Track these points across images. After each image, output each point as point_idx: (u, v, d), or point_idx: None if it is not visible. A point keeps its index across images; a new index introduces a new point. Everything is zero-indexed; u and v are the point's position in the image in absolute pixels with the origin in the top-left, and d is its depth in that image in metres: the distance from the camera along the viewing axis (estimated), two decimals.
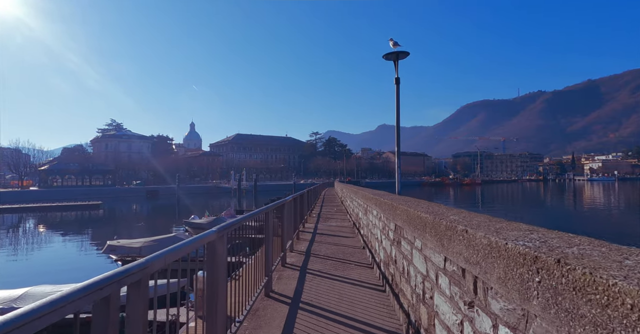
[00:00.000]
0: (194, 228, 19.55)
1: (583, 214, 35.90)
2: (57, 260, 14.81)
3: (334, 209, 14.99)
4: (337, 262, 5.39)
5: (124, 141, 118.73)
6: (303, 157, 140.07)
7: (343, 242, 7.10)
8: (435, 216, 2.14)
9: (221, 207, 50.66)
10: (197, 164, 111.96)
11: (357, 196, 7.71)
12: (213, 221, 19.21)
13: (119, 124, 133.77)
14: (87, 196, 58.02)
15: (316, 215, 12.59)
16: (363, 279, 4.44)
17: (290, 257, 5.83)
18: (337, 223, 10.26)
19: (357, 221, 7.84)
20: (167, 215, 36.83)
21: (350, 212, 10.25)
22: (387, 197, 4.70)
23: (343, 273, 4.76)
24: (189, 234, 14.79)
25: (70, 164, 77.09)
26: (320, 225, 9.93)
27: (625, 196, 61.23)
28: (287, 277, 4.65)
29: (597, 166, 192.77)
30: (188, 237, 12.88)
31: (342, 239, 7.43)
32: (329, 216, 12.19)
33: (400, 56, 6.46)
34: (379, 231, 4.44)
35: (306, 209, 10.53)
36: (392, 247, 3.56)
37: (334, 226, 9.78)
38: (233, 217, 21.96)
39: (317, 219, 11.45)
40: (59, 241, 21.63)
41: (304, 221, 9.79)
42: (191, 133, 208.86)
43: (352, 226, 9.38)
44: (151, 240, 11.58)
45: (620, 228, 25.10)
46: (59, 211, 41.87)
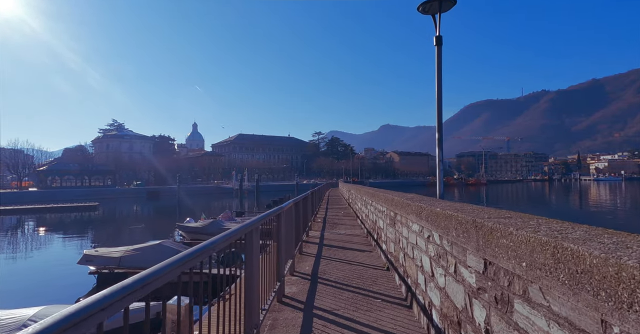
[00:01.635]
0: (188, 232, 18.07)
1: (591, 213, 34.22)
2: (22, 275, 12.96)
3: (341, 213, 13.46)
4: (355, 294, 3.86)
5: (126, 141, 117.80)
6: (306, 157, 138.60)
7: (358, 259, 5.56)
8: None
9: (223, 208, 49.25)
10: (199, 165, 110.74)
11: (375, 200, 6.16)
12: (209, 224, 17.72)
13: (121, 124, 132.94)
14: (87, 197, 56.90)
15: (322, 220, 11.07)
16: (400, 329, 2.91)
17: (291, 284, 4.31)
18: (346, 231, 8.72)
19: (375, 231, 6.29)
20: (166, 216, 35.43)
21: (363, 218, 8.70)
22: (428, 202, 3.19)
23: (367, 316, 3.23)
24: (182, 238, 13.24)
25: (70, 164, 75.99)
26: (327, 233, 8.40)
27: (633, 196, 59.53)
28: (285, 324, 3.12)
29: (603, 166, 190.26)
30: (175, 244, 11.43)
31: (356, 255, 5.89)
32: (336, 221, 10.66)
33: (444, 6, 4.85)
34: (427, 259, 2.90)
35: (310, 214, 9.00)
36: (468, 296, 2.03)
37: (343, 234, 8.24)
38: (231, 220, 20.46)
39: (322, 225, 9.92)
40: (36, 247, 19.90)
41: (308, 228, 8.26)
42: (194, 133, 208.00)
43: (366, 234, 7.84)
44: (133, 249, 10.09)
45: (628, 229, 23.43)
46: (53, 212, 40.56)
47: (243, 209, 33.92)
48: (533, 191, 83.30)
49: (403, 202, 3.68)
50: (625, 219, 31.53)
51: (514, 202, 54.20)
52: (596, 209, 40.30)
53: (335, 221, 10.69)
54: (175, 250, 9.89)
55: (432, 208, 2.70)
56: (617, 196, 59.85)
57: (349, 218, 11.44)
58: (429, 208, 2.78)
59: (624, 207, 41.52)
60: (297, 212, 5.95)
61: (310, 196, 8.77)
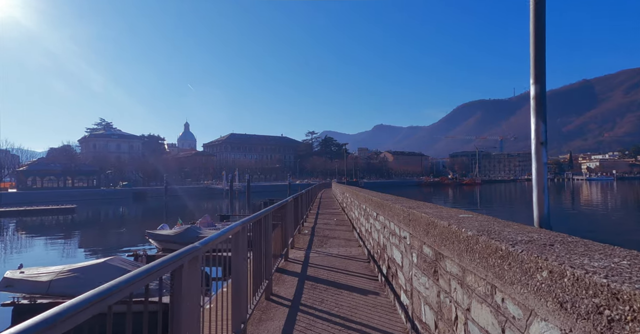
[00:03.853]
0: (159, 241, 15.79)
1: (589, 213, 32.75)
2: None
3: (334, 220, 11.35)
4: None
5: (113, 140, 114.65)
6: (299, 157, 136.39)
7: (359, 313, 3.45)
8: None
9: (212, 209, 46.94)
10: (189, 165, 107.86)
11: (384, 213, 4.05)
12: (183, 232, 15.46)
13: (109, 124, 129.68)
14: (68, 199, 54.21)
15: (309, 231, 8.95)
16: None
17: None
18: (339, 249, 6.60)
19: (384, 259, 4.16)
20: (151, 219, 32.77)
21: (363, 234, 6.58)
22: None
23: None
24: (142, 256, 10.98)
25: (52, 164, 72.64)
26: (313, 254, 6.27)
27: (625, 195, 59.40)
28: None
29: (594, 166, 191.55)
30: (125, 263, 9.26)
31: (356, 302, 3.77)
32: (327, 234, 8.55)
33: None
34: None
35: (291, 229, 6.86)
36: None
37: (336, 255, 6.13)
38: (210, 227, 18.22)
39: (310, 239, 7.80)
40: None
41: (288, 248, 6.12)
42: (185, 133, 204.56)
43: (367, 257, 5.74)
44: (69, 269, 7.82)
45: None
46: (25, 215, 37.77)
47: (233, 211, 31.53)
48: (531, 191, 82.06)
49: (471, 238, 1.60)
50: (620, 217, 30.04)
51: (519, 203, 52.64)
52: (592, 209, 38.91)
53: (326, 233, 8.57)
54: (123, 270, 7.76)
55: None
56: (607, 195, 59.12)
57: (343, 229, 9.34)
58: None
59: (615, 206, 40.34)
60: (264, 232, 3.83)
61: (291, 205, 6.64)
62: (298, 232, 8.50)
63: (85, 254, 17.75)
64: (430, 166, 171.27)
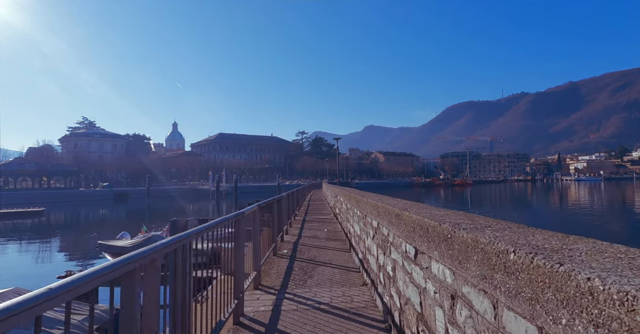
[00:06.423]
0: (112, 254, 13.21)
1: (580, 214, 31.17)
2: None
3: (324, 231, 8.93)
4: None
5: (95, 140, 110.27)
6: (289, 157, 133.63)
7: None
8: None
9: (199, 211, 44.15)
10: (175, 165, 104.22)
11: (406, 236, 1.69)
12: (143, 242, 12.91)
13: (92, 122, 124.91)
14: (42, 201, 50.85)
15: (289, 250, 6.51)
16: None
17: None
18: (332, 291, 4.14)
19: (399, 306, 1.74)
20: (131, 222, 29.72)
21: (365, 256, 4.16)
22: None
23: None
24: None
25: (26, 164, 68.58)
26: (286, 307, 3.81)
27: (612, 195, 59.74)
28: None
29: (582, 166, 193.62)
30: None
31: None
32: (315, 255, 6.10)
33: None
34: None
35: (268, 245, 4.34)
36: None
37: (325, 307, 3.68)
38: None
39: (288, 266, 5.34)
40: None
41: (242, 293, 3.65)
42: (174, 133, 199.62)
43: (384, 315, 3.32)
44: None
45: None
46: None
47: (205, 217, 28.74)
48: (524, 192, 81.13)
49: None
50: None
51: (521, 204, 51.04)
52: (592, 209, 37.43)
53: (312, 255, 6.14)
54: None
55: None
56: (595, 195, 58.24)
57: (336, 246, 6.93)
58: None
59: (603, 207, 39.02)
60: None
61: (256, 214, 4.19)
62: (273, 254, 6.04)
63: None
64: (421, 166, 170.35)
